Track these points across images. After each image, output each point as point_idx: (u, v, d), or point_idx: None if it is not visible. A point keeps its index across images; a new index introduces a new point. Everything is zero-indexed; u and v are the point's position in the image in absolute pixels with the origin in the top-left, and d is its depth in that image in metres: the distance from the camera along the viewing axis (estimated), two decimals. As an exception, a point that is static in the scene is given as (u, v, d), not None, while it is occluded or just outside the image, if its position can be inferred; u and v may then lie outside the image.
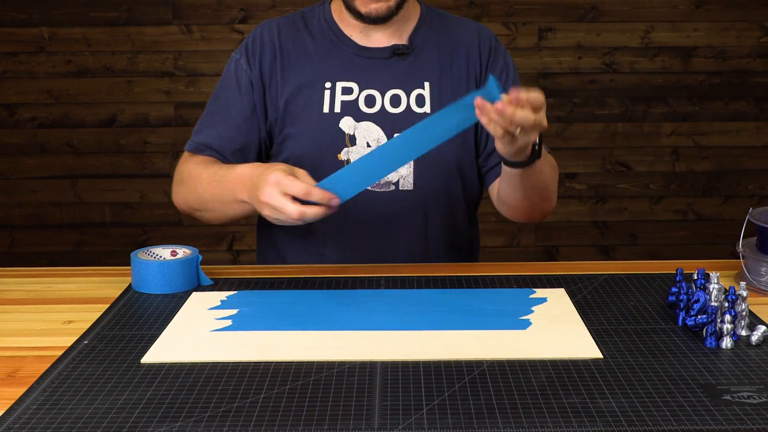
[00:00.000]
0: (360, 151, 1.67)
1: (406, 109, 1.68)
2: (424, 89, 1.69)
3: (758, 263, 1.50)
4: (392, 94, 1.69)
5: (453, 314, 1.36)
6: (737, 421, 1.02)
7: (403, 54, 1.69)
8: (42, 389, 1.12)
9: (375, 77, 1.69)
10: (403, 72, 1.70)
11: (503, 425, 1.01)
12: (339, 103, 1.68)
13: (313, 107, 1.68)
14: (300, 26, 1.73)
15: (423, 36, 1.72)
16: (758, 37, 3.54)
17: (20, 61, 3.50)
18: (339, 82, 1.69)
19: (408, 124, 1.60)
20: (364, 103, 1.68)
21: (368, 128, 1.68)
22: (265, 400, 1.08)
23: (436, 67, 1.71)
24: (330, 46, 1.71)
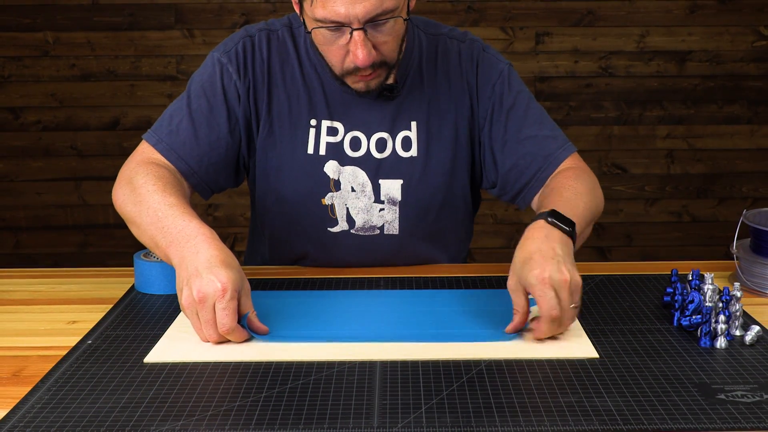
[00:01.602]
0: (344, 195, 1.59)
1: (391, 153, 1.59)
2: (410, 131, 1.59)
3: (752, 264, 1.50)
4: (378, 138, 1.59)
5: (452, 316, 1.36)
6: (731, 419, 1.02)
7: (391, 95, 1.57)
8: (46, 388, 1.12)
9: (361, 118, 1.58)
10: (390, 113, 1.59)
11: (501, 424, 1.01)
12: (324, 144, 1.58)
13: (298, 146, 1.58)
14: (289, 46, 1.59)
15: (411, 70, 1.60)
16: (752, 41, 3.54)
17: (25, 65, 3.50)
18: (324, 121, 1.58)
19: (394, 170, 1.58)
20: (349, 146, 1.58)
21: (354, 173, 1.59)
22: (266, 399, 1.08)
23: (425, 104, 1.60)
24: (315, 78, 1.58)
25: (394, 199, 1.60)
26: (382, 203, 1.60)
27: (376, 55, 1.45)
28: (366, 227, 1.61)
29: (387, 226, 1.62)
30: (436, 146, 1.60)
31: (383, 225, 1.62)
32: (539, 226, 1.31)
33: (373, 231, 1.62)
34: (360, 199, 1.60)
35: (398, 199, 1.60)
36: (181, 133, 1.55)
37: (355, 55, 1.42)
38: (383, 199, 1.60)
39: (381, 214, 1.61)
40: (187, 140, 1.55)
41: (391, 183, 1.60)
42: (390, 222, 1.62)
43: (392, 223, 1.62)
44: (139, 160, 1.53)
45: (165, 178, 1.45)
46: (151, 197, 1.40)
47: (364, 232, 1.62)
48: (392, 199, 1.60)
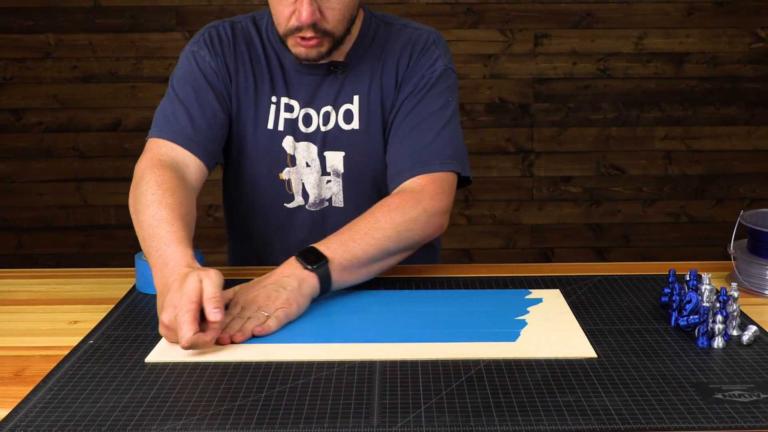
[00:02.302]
0: (300, 171, 1.64)
1: (334, 125, 1.64)
2: (353, 104, 1.63)
3: (749, 264, 1.50)
4: (324, 111, 1.64)
5: (451, 317, 1.36)
6: (728, 419, 1.02)
7: (339, 71, 1.63)
8: (48, 388, 1.12)
9: (312, 94, 1.64)
10: (335, 90, 1.64)
11: (499, 423, 1.01)
12: (282, 120, 1.64)
13: (259, 122, 1.64)
14: (252, 31, 1.67)
15: (362, 51, 1.65)
16: (749, 43, 3.54)
17: (27, 66, 3.50)
18: (283, 98, 1.64)
19: (337, 142, 1.63)
20: (302, 123, 1.64)
21: (307, 147, 1.64)
22: (266, 398, 1.08)
23: (367, 78, 1.64)
24: (274, 58, 1.65)
25: (338, 171, 1.66)
26: (329, 175, 1.66)
27: (320, 19, 1.50)
28: (317, 201, 1.67)
29: (334, 198, 1.67)
30: (374, 120, 1.64)
31: (331, 197, 1.67)
32: (288, 262, 1.38)
33: (323, 204, 1.67)
34: (312, 174, 1.65)
35: (341, 171, 1.65)
36: (179, 120, 1.59)
37: (300, 11, 1.49)
38: (329, 170, 1.66)
39: (328, 186, 1.66)
40: (187, 124, 1.58)
41: (335, 155, 1.65)
42: (336, 194, 1.67)
43: (338, 195, 1.67)
44: (147, 159, 1.55)
45: (166, 183, 1.47)
46: (146, 210, 1.42)
47: (316, 207, 1.67)
48: (336, 171, 1.66)
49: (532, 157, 3.58)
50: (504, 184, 3.59)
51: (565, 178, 3.60)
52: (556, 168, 3.60)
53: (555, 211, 3.62)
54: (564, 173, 3.60)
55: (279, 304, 1.31)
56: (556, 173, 3.60)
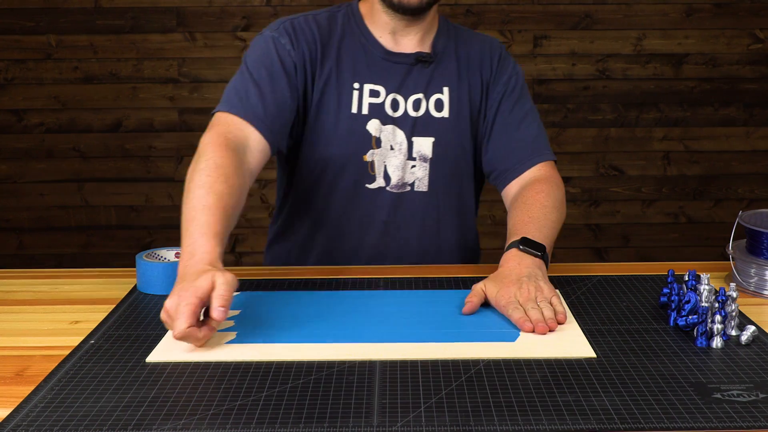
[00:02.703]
0: (384, 154, 1.69)
1: (425, 113, 1.70)
2: (443, 94, 1.71)
3: (748, 265, 1.50)
4: (414, 99, 1.70)
5: (451, 317, 1.36)
6: (727, 419, 1.02)
7: (427, 62, 1.71)
8: (49, 388, 1.12)
9: (400, 82, 1.70)
10: (425, 78, 1.71)
11: (499, 423, 1.01)
12: (366, 105, 1.68)
13: (343, 106, 1.68)
14: (333, 24, 1.71)
15: (443, 45, 1.74)
16: (747, 44, 3.54)
17: (28, 67, 3.50)
18: (367, 84, 1.68)
19: (427, 128, 1.70)
20: (390, 107, 1.69)
21: (393, 131, 1.69)
22: (267, 398, 1.08)
23: (455, 74, 1.73)
24: (359, 47, 1.70)
25: (425, 156, 1.71)
26: (414, 160, 1.71)
27: None
28: (399, 184, 1.71)
29: (417, 182, 1.72)
30: (464, 111, 1.72)
31: (414, 182, 1.72)
32: (512, 255, 1.46)
33: (405, 188, 1.72)
34: (396, 156, 1.70)
35: (429, 156, 1.71)
36: (250, 98, 1.59)
37: None
38: (415, 156, 1.71)
39: (413, 171, 1.71)
40: (257, 103, 1.59)
41: (424, 140, 1.71)
42: (420, 179, 1.72)
43: (422, 180, 1.72)
44: (214, 134, 1.53)
45: (223, 168, 1.45)
46: (196, 191, 1.40)
47: (398, 189, 1.72)
48: (424, 156, 1.71)
49: (531, 158, 3.58)
50: (503, 184, 3.58)
51: (564, 178, 3.57)
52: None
53: (554, 212, 3.62)
54: (563, 174, 3.56)
55: (548, 292, 1.36)
56: (555, 174, 3.60)
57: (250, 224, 3.58)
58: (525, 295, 1.35)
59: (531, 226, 1.52)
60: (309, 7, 3.46)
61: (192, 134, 3.51)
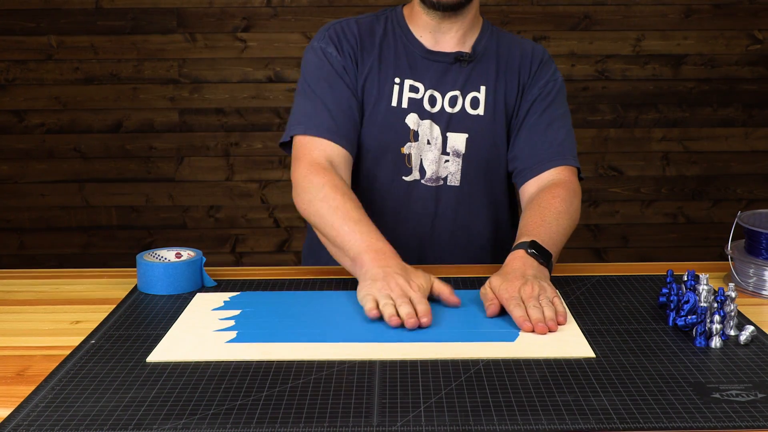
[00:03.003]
0: (421, 147, 1.72)
1: (461, 109, 1.73)
2: (479, 92, 1.74)
3: (746, 265, 1.50)
4: (451, 96, 1.73)
5: (450, 317, 1.36)
6: (726, 418, 1.02)
7: (465, 61, 1.73)
8: (50, 387, 1.12)
9: (439, 79, 1.73)
10: (463, 77, 1.74)
11: (498, 422, 1.01)
12: (406, 99, 1.72)
13: (383, 100, 1.72)
14: (375, 25, 1.77)
15: (484, 46, 1.76)
16: (746, 45, 3.54)
17: (29, 68, 3.50)
18: (407, 80, 1.72)
19: (461, 124, 1.73)
20: (427, 103, 1.72)
21: (430, 126, 1.72)
22: (267, 398, 1.08)
23: (493, 74, 1.75)
24: (401, 45, 1.75)
25: (458, 152, 1.74)
26: (448, 155, 1.74)
27: None
28: (433, 178, 1.74)
29: (450, 177, 1.75)
30: (499, 110, 1.75)
31: (447, 176, 1.75)
32: (519, 256, 1.46)
33: (438, 182, 1.75)
34: (432, 151, 1.73)
35: (462, 152, 1.74)
36: (320, 115, 1.68)
37: None
38: (449, 151, 1.74)
39: (446, 165, 1.74)
40: (328, 117, 1.67)
41: (458, 136, 1.73)
42: (453, 173, 1.75)
43: (455, 175, 1.75)
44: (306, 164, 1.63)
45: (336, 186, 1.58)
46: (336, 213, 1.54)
47: (432, 182, 1.75)
48: (457, 152, 1.74)
49: (530, 159, 3.58)
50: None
51: (563, 179, 3.59)
52: (555, 169, 3.59)
53: (553, 212, 3.61)
54: (562, 174, 3.59)
55: (551, 292, 1.38)
56: (554, 174, 3.60)
57: (250, 225, 3.59)
58: (528, 291, 1.35)
59: (542, 230, 1.53)
60: (309, 8, 3.46)
61: (192, 135, 3.51)
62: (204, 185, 3.57)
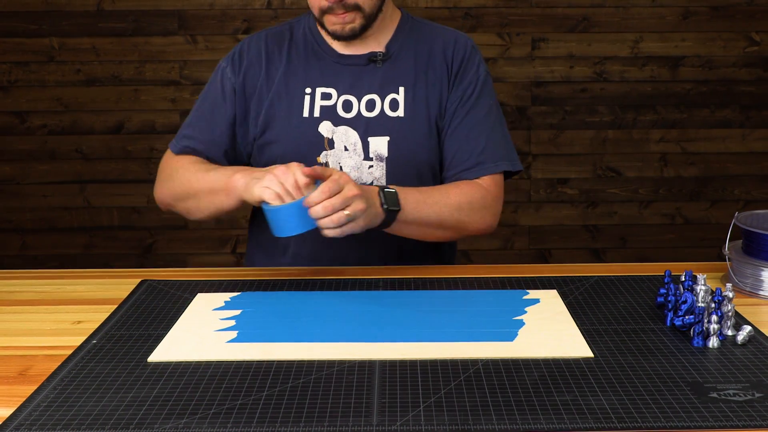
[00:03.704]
0: (338, 155, 1.69)
1: (380, 113, 1.70)
2: (398, 94, 1.70)
3: (744, 265, 1.50)
4: (368, 99, 1.70)
5: (450, 317, 1.36)
6: (723, 418, 1.02)
7: (379, 61, 1.71)
8: (52, 387, 1.12)
9: (352, 83, 1.71)
10: (379, 78, 1.71)
11: (497, 422, 1.01)
12: (318, 108, 1.70)
13: (294, 112, 1.70)
14: (286, 36, 1.76)
15: (400, 44, 1.73)
16: (744, 47, 3.54)
17: (31, 70, 3.50)
18: (319, 88, 1.71)
19: (382, 127, 1.70)
20: (341, 108, 1.70)
21: (346, 132, 1.69)
22: (268, 397, 1.08)
23: (411, 73, 1.72)
24: (311, 54, 1.73)
25: (381, 156, 1.70)
26: (371, 160, 1.70)
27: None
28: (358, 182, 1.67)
29: (375, 182, 1.70)
30: (420, 110, 1.71)
31: (372, 182, 1.70)
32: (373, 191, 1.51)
33: None
34: (352, 157, 1.69)
35: (385, 155, 1.70)
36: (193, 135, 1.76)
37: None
38: (372, 156, 1.70)
39: (370, 171, 1.70)
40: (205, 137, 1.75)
41: (379, 140, 1.69)
42: (378, 179, 1.70)
43: (380, 180, 1.70)
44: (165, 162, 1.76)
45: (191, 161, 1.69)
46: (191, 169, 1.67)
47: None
48: (380, 156, 1.70)
49: (529, 160, 3.58)
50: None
51: (562, 180, 3.60)
52: (554, 170, 3.60)
53: (552, 213, 3.62)
54: (561, 175, 3.60)
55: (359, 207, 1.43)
56: (553, 175, 3.60)
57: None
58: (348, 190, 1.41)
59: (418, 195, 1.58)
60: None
61: (193, 136, 3.51)
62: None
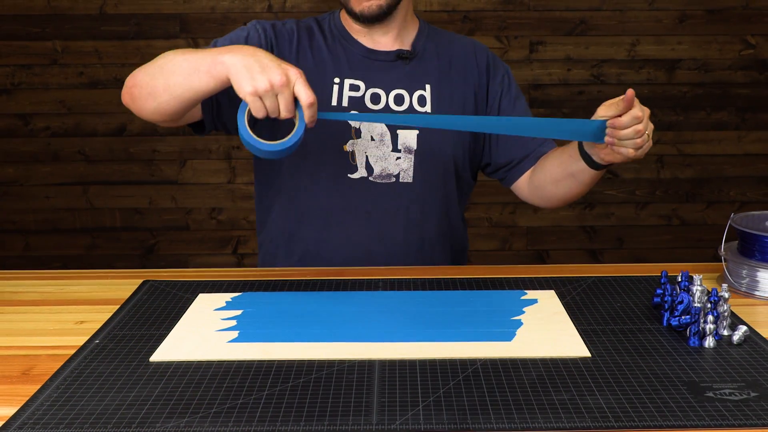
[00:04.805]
0: (365, 144, 1.70)
1: (408, 107, 1.72)
2: (425, 91, 1.73)
3: (739, 266, 1.50)
4: (396, 94, 1.72)
5: (449, 317, 1.36)
6: (719, 417, 1.02)
7: (407, 58, 1.74)
8: (55, 386, 1.12)
9: (380, 78, 1.72)
10: (406, 74, 1.73)
11: (496, 421, 1.01)
12: (346, 98, 1.70)
13: (323, 100, 1.69)
14: (314, 27, 1.76)
15: (423, 44, 1.77)
16: (739, 50, 3.54)
17: (34, 73, 3.50)
18: (347, 79, 1.71)
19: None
20: (369, 100, 1.71)
21: (373, 123, 1.71)
22: (268, 397, 1.08)
23: (436, 72, 1.75)
24: (339, 46, 1.74)
25: (410, 148, 1.72)
26: (399, 152, 1.71)
27: None
28: (383, 175, 1.71)
29: (402, 174, 1.72)
30: (447, 107, 1.74)
31: (399, 173, 1.72)
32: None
33: (390, 179, 1.72)
34: (379, 148, 1.71)
35: (414, 148, 1.72)
36: None
37: None
38: (400, 147, 1.72)
39: (398, 162, 1.72)
40: None
41: (408, 133, 1.71)
42: (405, 170, 1.72)
43: (407, 171, 1.72)
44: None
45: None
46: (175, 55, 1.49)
47: (382, 179, 1.72)
48: (408, 148, 1.72)
49: (527, 161, 3.58)
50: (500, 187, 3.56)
51: (559, 181, 3.60)
52: (551, 172, 3.60)
53: (550, 214, 3.62)
54: (559, 177, 3.59)
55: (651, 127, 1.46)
56: (551, 177, 3.60)
57: (252, 226, 3.58)
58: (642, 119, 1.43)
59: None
60: (309, 13, 3.46)
61: (195, 138, 3.50)
62: (206, 188, 3.57)
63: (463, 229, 1.88)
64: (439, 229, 1.78)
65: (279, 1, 3.48)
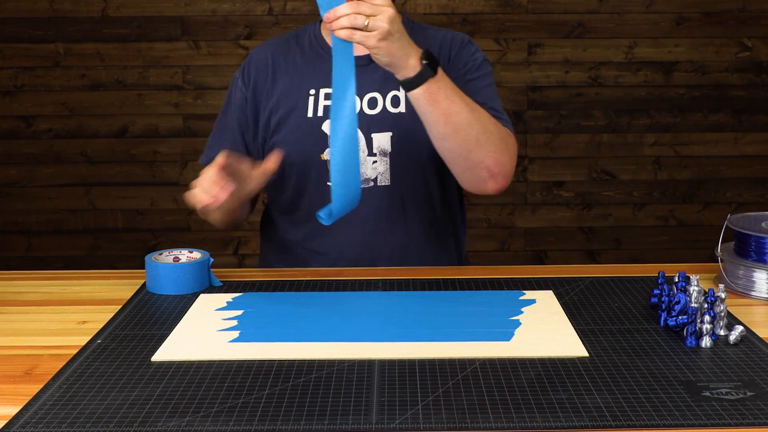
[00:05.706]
0: None
1: (382, 109, 1.71)
2: (399, 91, 1.71)
3: (736, 266, 1.50)
4: (370, 97, 1.71)
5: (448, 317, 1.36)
6: (716, 416, 1.02)
7: None
8: (57, 386, 1.12)
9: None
10: (380, 76, 1.70)
11: (494, 420, 1.01)
12: (321, 107, 1.71)
13: (298, 112, 1.72)
14: (292, 43, 1.79)
15: None
16: (736, 52, 3.54)
17: (37, 75, 3.50)
18: (322, 89, 1.72)
19: (384, 124, 1.71)
20: None
21: None
22: (269, 396, 1.08)
23: None
24: (316, 57, 1.75)
25: (385, 151, 1.71)
26: (375, 156, 1.71)
27: None
28: (362, 180, 1.68)
29: (380, 177, 1.72)
30: None
31: (376, 177, 1.72)
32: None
33: (368, 183, 1.72)
34: None
35: (389, 150, 1.71)
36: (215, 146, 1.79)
37: None
38: (376, 151, 1.71)
39: (374, 167, 1.71)
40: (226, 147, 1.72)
41: (382, 136, 1.71)
42: (382, 173, 1.72)
43: (384, 174, 1.72)
44: None
45: None
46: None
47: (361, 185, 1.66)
48: (383, 151, 1.71)
49: (525, 163, 3.58)
50: (499, 188, 3.58)
51: (557, 182, 3.60)
52: (549, 173, 3.60)
53: (548, 215, 3.62)
54: (557, 178, 3.60)
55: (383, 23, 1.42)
56: (549, 178, 3.60)
57: (253, 227, 3.57)
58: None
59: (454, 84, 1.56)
60: (309, 16, 3.46)
61: (196, 140, 3.51)
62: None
63: (458, 230, 1.85)
64: (423, 229, 1.77)
65: (280, 4, 3.48)
